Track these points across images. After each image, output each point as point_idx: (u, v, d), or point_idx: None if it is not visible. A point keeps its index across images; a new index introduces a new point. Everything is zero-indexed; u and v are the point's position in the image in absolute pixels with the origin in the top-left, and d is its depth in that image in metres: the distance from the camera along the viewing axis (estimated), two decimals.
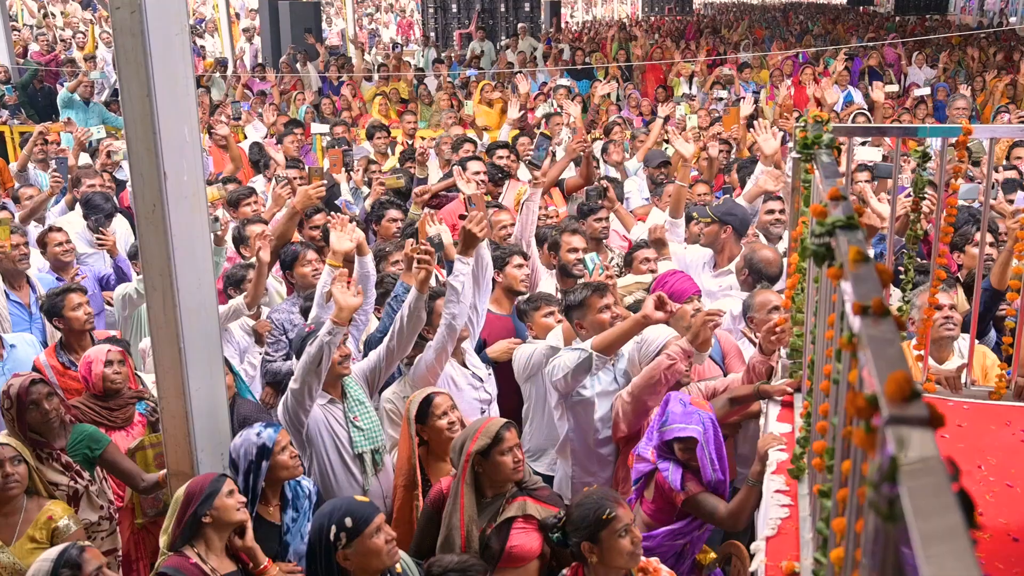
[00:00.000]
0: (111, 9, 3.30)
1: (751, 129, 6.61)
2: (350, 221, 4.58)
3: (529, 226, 5.17)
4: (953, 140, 3.33)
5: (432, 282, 4.02)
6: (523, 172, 7.39)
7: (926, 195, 3.43)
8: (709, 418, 3.43)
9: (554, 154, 6.81)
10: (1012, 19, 22.96)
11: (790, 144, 5.91)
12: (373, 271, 4.54)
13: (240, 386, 4.27)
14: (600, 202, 5.61)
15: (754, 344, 3.99)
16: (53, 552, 2.95)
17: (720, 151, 7.49)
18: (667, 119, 8.71)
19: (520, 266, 4.72)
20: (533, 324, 4.46)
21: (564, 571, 3.14)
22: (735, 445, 4.14)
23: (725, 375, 4.34)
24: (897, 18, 22.73)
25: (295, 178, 6.49)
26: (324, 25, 20.96)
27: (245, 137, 8.71)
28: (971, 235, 4.87)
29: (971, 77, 11.53)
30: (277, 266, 5.34)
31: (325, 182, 5.64)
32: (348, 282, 3.89)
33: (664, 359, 3.68)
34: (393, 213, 5.90)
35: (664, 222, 5.52)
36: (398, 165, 7.90)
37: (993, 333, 4.54)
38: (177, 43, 3.39)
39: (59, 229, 5.80)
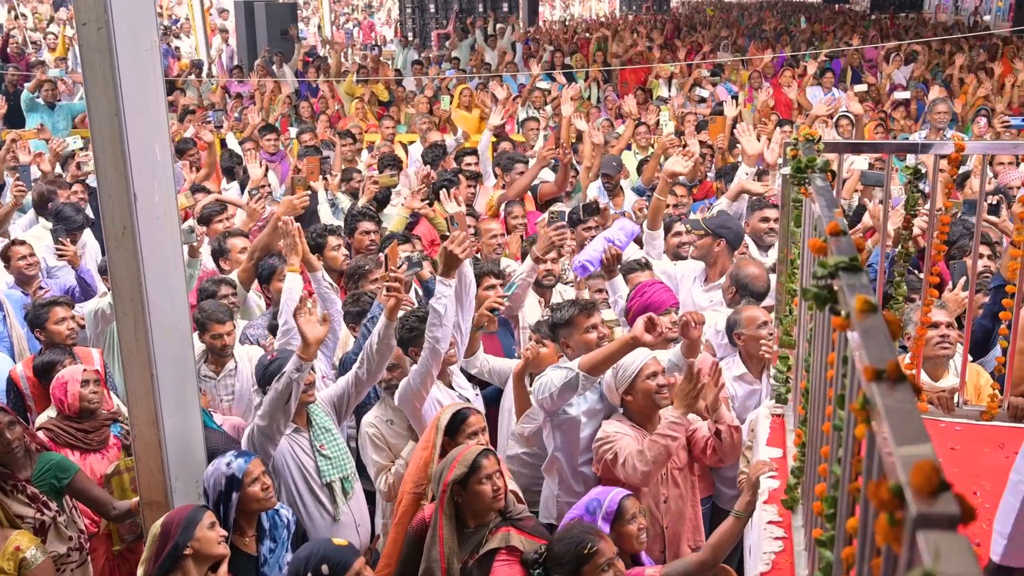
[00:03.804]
0: (77, 25, 3.18)
1: (734, 132, 6.55)
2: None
3: (523, 300, 4.93)
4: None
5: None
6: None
7: (917, 211, 3.37)
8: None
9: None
10: (986, 17, 23.06)
11: (777, 152, 5.86)
12: (328, 285, 4.42)
13: (204, 416, 4.14)
14: (594, 219, 5.51)
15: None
16: None
17: (704, 155, 7.42)
18: (641, 123, 8.64)
19: (492, 287, 4.64)
20: None
21: None
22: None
23: None
24: (873, 16, 22.77)
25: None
26: (301, 25, 20.75)
27: (224, 145, 8.55)
28: (968, 247, 4.81)
29: (948, 78, 11.51)
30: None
31: (309, 193, 5.52)
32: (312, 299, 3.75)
33: (669, 442, 3.51)
34: (366, 225, 5.65)
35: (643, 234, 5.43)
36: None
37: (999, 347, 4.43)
38: (147, 59, 3.27)
39: (22, 242, 5.63)
